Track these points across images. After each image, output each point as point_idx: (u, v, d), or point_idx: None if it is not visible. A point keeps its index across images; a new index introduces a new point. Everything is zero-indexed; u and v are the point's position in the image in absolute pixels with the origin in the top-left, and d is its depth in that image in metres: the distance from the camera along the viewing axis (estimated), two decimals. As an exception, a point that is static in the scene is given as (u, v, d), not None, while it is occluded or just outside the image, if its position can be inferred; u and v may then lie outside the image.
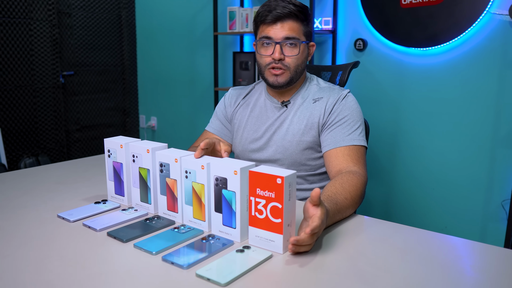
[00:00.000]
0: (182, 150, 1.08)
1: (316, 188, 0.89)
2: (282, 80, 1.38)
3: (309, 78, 1.49)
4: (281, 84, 1.38)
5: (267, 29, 1.36)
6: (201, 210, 1.00)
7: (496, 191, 2.29)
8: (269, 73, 1.38)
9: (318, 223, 0.86)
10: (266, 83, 1.42)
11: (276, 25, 1.34)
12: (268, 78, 1.39)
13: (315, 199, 0.89)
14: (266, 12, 1.35)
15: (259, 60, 1.41)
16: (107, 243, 0.95)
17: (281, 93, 1.46)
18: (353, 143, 1.32)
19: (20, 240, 0.95)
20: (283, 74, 1.37)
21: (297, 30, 1.35)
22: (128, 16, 4.03)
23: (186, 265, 0.82)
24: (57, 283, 0.77)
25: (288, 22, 1.34)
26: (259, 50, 1.39)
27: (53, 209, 1.14)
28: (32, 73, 3.47)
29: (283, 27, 1.34)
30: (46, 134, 3.61)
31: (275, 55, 1.34)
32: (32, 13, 3.41)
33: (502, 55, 2.20)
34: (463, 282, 0.81)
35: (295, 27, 1.35)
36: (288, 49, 1.36)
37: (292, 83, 1.41)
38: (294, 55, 1.36)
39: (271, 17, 1.34)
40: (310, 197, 0.90)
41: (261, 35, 1.38)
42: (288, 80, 1.38)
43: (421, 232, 1.03)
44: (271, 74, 1.38)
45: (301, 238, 0.85)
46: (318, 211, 0.89)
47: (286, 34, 1.34)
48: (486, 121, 2.29)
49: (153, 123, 4.09)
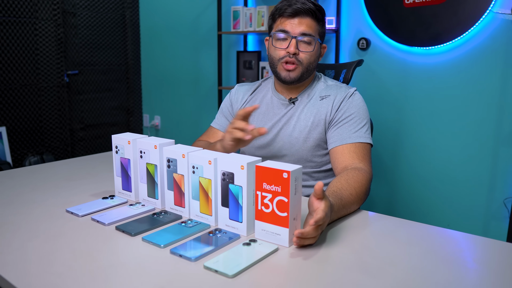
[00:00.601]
0: (189, 146, 1.09)
1: (320, 182, 0.90)
2: (294, 75, 1.39)
3: (317, 76, 1.51)
4: (293, 79, 1.40)
5: (285, 22, 1.37)
6: (208, 204, 1.02)
7: (499, 189, 2.30)
8: (282, 67, 1.40)
9: (322, 215, 0.87)
10: (277, 77, 1.43)
11: (295, 19, 1.36)
12: (281, 72, 1.40)
13: (319, 192, 0.90)
14: (286, 5, 1.37)
15: (273, 53, 1.41)
16: (116, 236, 0.96)
17: (289, 90, 1.47)
18: (359, 140, 1.33)
19: (31, 234, 0.97)
20: (296, 69, 1.38)
21: (313, 28, 1.37)
22: (132, 15, 4.05)
23: (194, 257, 0.84)
24: (69, 274, 0.79)
25: (307, 19, 1.36)
26: (275, 43, 1.40)
27: (62, 204, 1.16)
28: (37, 72, 3.50)
29: (301, 22, 1.36)
30: (50, 132, 3.64)
31: (291, 49, 1.35)
32: (37, 13, 3.43)
33: (505, 54, 2.21)
34: (466, 275, 0.82)
35: (312, 24, 1.37)
36: (304, 45, 1.37)
37: (302, 80, 1.42)
38: (308, 52, 1.37)
39: (290, 10, 1.36)
40: (314, 191, 0.91)
41: (278, 28, 1.39)
42: (299, 76, 1.40)
43: (424, 227, 1.05)
44: (284, 69, 1.39)
45: (305, 231, 0.87)
46: (322, 204, 0.90)
47: (303, 30, 1.36)
48: (489, 119, 2.30)
49: (156, 122, 4.11)
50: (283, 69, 1.40)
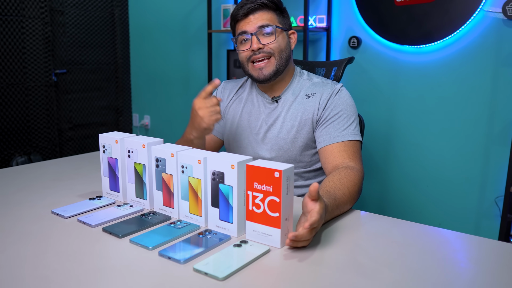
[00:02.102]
0: (178, 145, 1.07)
1: (315, 183, 0.88)
2: (267, 72, 1.36)
3: (298, 73, 1.47)
4: (267, 76, 1.36)
5: (241, 24, 1.37)
6: (198, 205, 0.99)
7: (490, 188, 2.30)
8: (252, 67, 1.38)
9: (316, 218, 0.85)
10: (252, 78, 1.41)
11: (249, 18, 1.36)
12: (253, 73, 1.38)
13: (314, 193, 0.88)
14: (237, 8, 1.37)
15: (240, 58, 1.40)
16: (103, 238, 0.94)
17: (270, 88, 1.44)
18: (348, 138, 1.31)
19: (15, 236, 0.94)
20: (268, 64, 1.35)
21: (270, 18, 1.36)
22: (121, 14, 4.00)
23: (183, 260, 0.82)
24: (54, 278, 0.76)
25: (260, 13, 1.35)
26: (239, 47, 1.40)
27: (48, 206, 1.13)
28: (24, 71, 3.44)
29: (256, 18, 1.35)
30: (38, 132, 3.58)
31: (253, 46, 1.34)
32: (24, 11, 3.38)
33: (496, 52, 2.21)
34: (459, 274, 0.81)
35: (267, 16, 1.36)
36: (265, 38, 1.36)
37: (279, 73, 1.38)
38: (272, 42, 1.35)
39: (242, 11, 1.36)
40: (309, 191, 0.89)
41: (237, 32, 1.39)
42: (275, 70, 1.36)
43: (418, 226, 1.04)
44: (255, 68, 1.37)
45: (299, 233, 0.85)
46: (317, 206, 0.88)
47: (259, 23, 1.35)
48: (480, 118, 2.30)
49: (146, 122, 4.07)
50: (253, 69, 1.37)
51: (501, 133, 2.23)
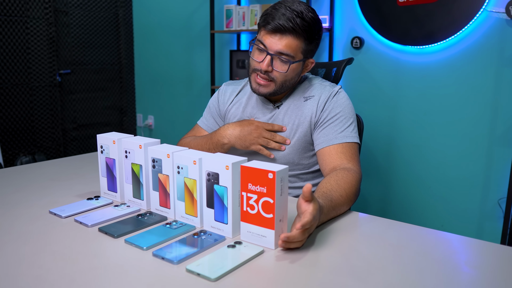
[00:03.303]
0: (174, 146, 1.07)
1: (308, 184, 0.88)
2: (263, 91, 1.35)
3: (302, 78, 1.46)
4: (262, 94, 1.36)
5: (266, 36, 1.30)
6: (193, 205, 1.00)
7: (493, 189, 2.29)
8: (254, 79, 1.36)
9: (309, 219, 0.85)
10: (250, 85, 1.39)
11: (275, 35, 1.27)
12: (252, 83, 1.37)
13: (307, 194, 0.88)
14: (270, 19, 1.27)
15: (250, 61, 1.38)
16: (98, 238, 0.94)
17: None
18: (346, 140, 1.31)
19: (12, 236, 0.95)
20: (267, 85, 1.33)
21: (294, 47, 1.28)
22: (125, 14, 4.02)
23: (177, 260, 0.82)
24: (48, 277, 0.77)
25: (288, 37, 1.27)
26: (253, 52, 1.35)
27: (46, 206, 1.13)
28: (29, 71, 3.46)
29: (281, 40, 1.27)
30: (42, 132, 3.60)
31: (263, 66, 1.30)
32: (29, 12, 3.40)
33: (499, 53, 2.20)
34: (458, 277, 0.80)
35: (293, 44, 1.27)
36: (279, 64, 1.30)
37: (276, 94, 1.38)
38: (282, 72, 1.30)
39: (271, 27, 1.27)
40: (302, 192, 0.89)
41: (259, 39, 1.32)
42: (271, 92, 1.35)
43: (415, 229, 1.03)
44: (255, 81, 1.35)
45: (291, 235, 0.85)
46: (310, 207, 0.88)
47: (281, 49, 1.28)
48: (483, 119, 2.28)
49: (150, 122, 4.08)
50: (254, 81, 1.35)
51: (504, 134, 2.22)
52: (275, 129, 1.37)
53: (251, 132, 1.35)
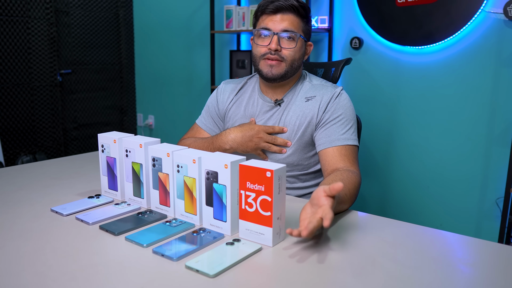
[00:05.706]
0: (174, 145, 1.09)
1: (340, 183, 0.89)
2: (276, 72, 1.35)
3: (302, 76, 1.47)
4: (275, 76, 1.36)
5: (267, 19, 1.35)
6: (193, 204, 1.01)
7: (491, 188, 2.30)
8: (264, 63, 1.37)
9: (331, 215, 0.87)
10: (260, 74, 1.40)
11: (276, 16, 1.34)
12: (263, 69, 1.37)
13: (335, 192, 0.89)
14: (268, 2, 1.35)
15: (254, 51, 1.39)
16: (99, 236, 0.96)
17: (274, 90, 1.43)
18: (348, 142, 1.32)
19: (13, 233, 0.96)
20: (279, 65, 1.35)
21: (296, 24, 1.35)
22: (126, 14, 4.03)
23: (176, 257, 0.83)
24: (50, 274, 0.78)
25: (289, 15, 1.34)
26: (256, 40, 1.38)
27: (48, 204, 1.15)
28: (30, 71, 3.48)
29: (283, 19, 1.34)
30: (43, 132, 3.62)
31: (272, 46, 1.33)
32: (30, 12, 3.41)
33: (497, 53, 2.21)
34: (455, 276, 0.82)
35: (294, 21, 1.35)
36: (286, 42, 1.35)
37: (286, 78, 1.38)
38: (291, 48, 1.35)
39: (272, 7, 1.34)
40: (331, 187, 0.89)
41: (260, 26, 1.37)
42: (283, 73, 1.36)
43: (414, 227, 1.04)
44: (266, 65, 1.36)
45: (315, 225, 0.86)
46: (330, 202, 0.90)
47: (285, 27, 1.33)
48: (481, 119, 2.30)
49: (150, 122, 4.10)
50: (265, 65, 1.36)
51: (502, 134, 2.23)
52: (276, 131, 1.39)
53: (253, 138, 1.37)
